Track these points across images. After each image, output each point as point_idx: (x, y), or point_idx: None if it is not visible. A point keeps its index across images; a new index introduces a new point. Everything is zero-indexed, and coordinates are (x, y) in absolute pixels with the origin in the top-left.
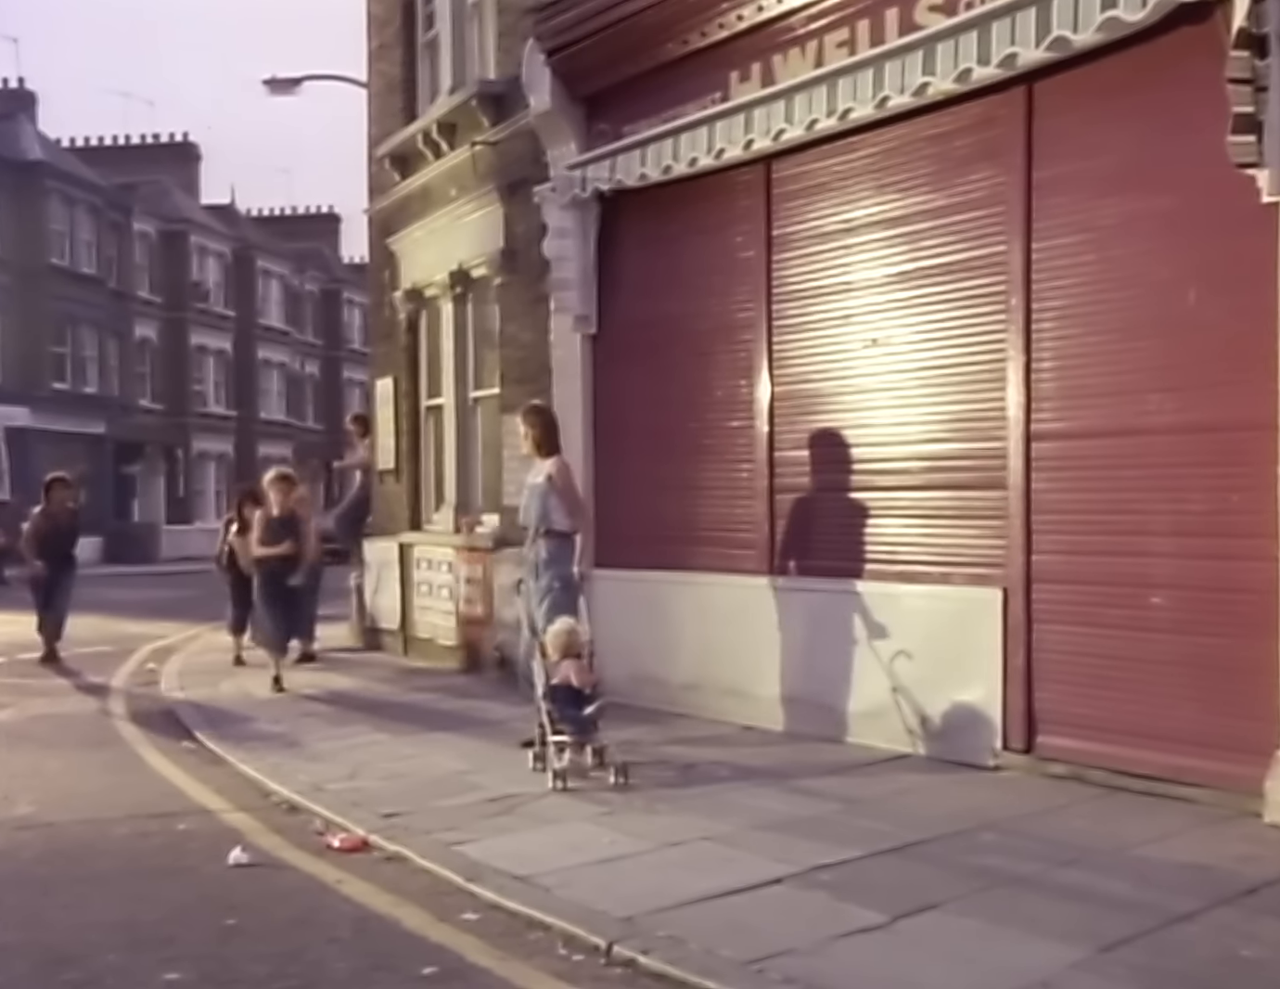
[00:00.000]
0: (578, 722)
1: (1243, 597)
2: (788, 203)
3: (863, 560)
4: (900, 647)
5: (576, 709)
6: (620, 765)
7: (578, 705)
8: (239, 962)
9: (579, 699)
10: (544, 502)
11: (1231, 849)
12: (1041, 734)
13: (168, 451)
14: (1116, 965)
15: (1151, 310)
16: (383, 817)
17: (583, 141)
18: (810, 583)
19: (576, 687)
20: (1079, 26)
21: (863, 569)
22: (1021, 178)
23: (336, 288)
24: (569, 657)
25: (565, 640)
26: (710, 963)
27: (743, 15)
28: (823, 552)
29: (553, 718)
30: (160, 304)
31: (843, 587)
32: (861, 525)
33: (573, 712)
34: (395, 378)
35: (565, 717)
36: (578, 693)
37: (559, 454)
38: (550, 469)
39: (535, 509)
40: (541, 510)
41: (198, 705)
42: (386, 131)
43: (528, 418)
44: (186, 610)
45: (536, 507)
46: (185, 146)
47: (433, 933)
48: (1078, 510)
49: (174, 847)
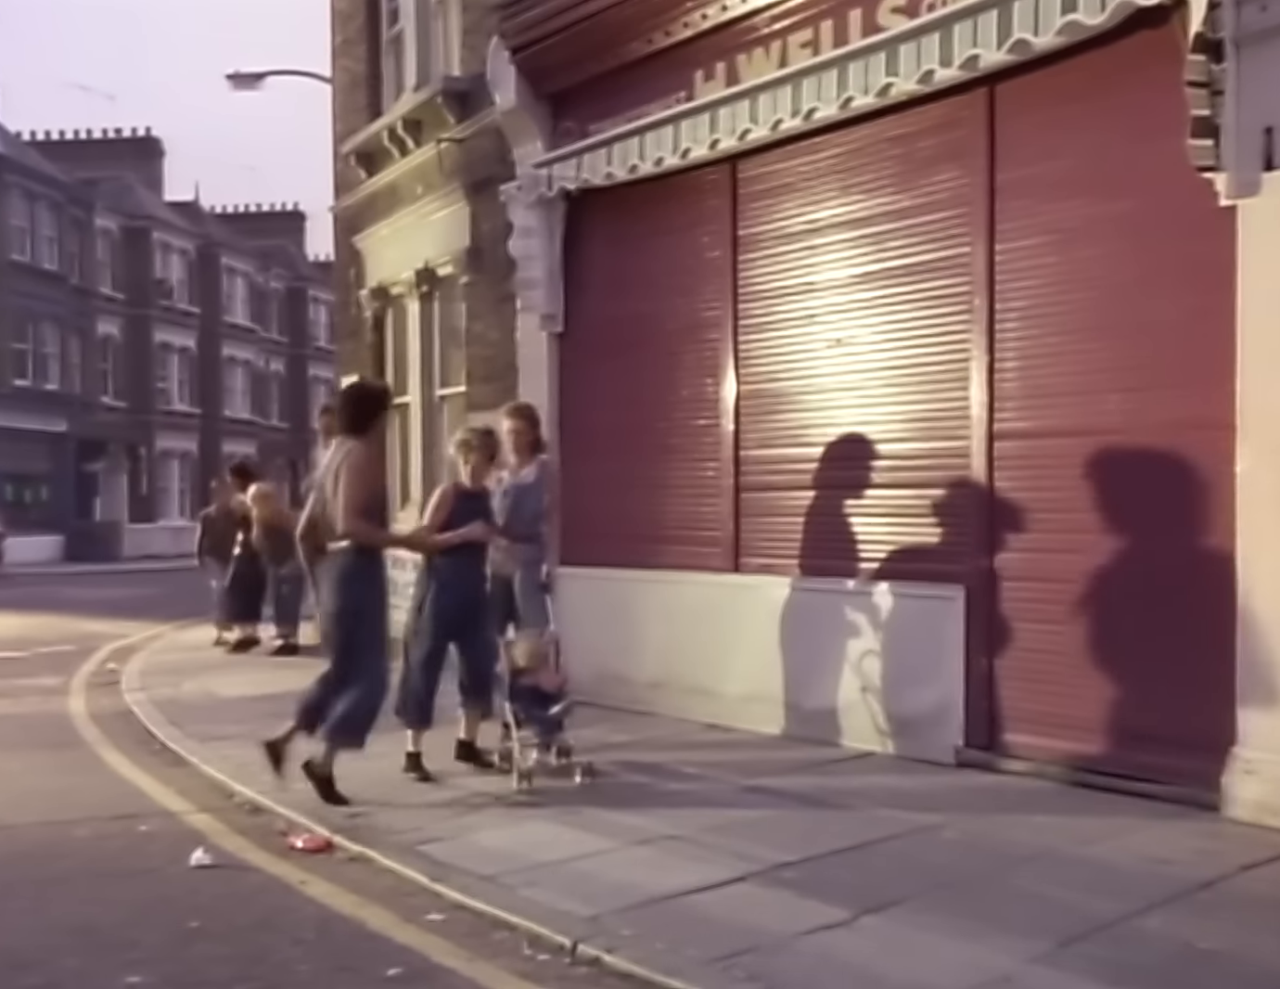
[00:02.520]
0: (543, 721)
1: (1200, 594)
2: (753, 203)
3: (827, 558)
4: (864, 644)
5: (542, 709)
6: (586, 765)
7: (543, 706)
8: (201, 964)
9: (545, 699)
10: (536, 501)
11: (1189, 844)
12: (1003, 731)
13: (131, 449)
14: (1077, 959)
15: (1112, 311)
16: (347, 817)
17: (548, 140)
18: (775, 581)
19: (543, 687)
20: (1039, 29)
21: (827, 567)
22: (984, 179)
23: (302, 285)
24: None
25: (536, 651)
26: (675, 961)
27: (707, 14)
28: (787, 550)
29: (518, 718)
30: (123, 301)
31: (807, 585)
32: (825, 523)
33: (538, 712)
34: (361, 376)
35: (531, 717)
36: (544, 693)
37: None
38: (539, 467)
39: (530, 508)
40: (536, 510)
41: (160, 705)
42: (351, 128)
43: (524, 415)
44: (149, 609)
45: (532, 506)
46: (148, 142)
47: (398, 934)
48: (1039, 509)
49: (135, 849)
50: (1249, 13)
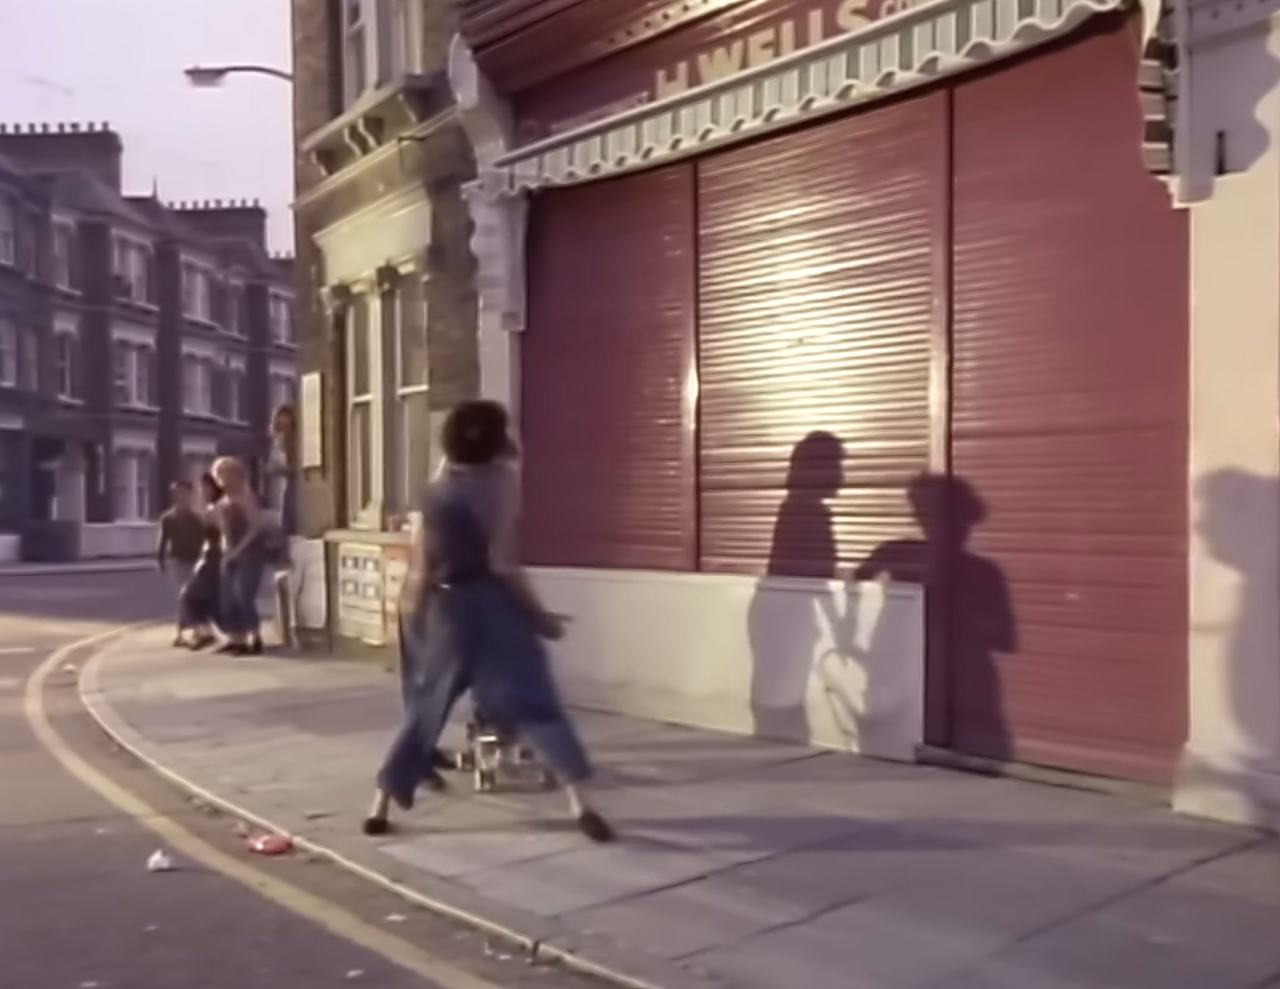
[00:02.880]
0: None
1: (1155, 592)
2: (715, 203)
3: (788, 557)
4: (825, 643)
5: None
6: (547, 768)
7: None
8: (159, 969)
9: None
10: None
11: (1143, 839)
12: (962, 728)
13: (88, 448)
14: (1033, 953)
15: (1068, 312)
16: (307, 818)
17: (510, 138)
18: (736, 580)
19: None
20: (997, 33)
21: (788, 566)
22: (943, 181)
23: (262, 283)
24: None
25: None
26: (636, 960)
27: (668, 14)
28: (748, 549)
29: (481, 717)
30: (80, 298)
31: (768, 584)
32: (786, 523)
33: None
34: (322, 374)
35: (494, 716)
36: None
37: None
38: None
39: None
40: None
41: (118, 707)
42: (312, 125)
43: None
44: (107, 610)
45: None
46: (105, 137)
47: (358, 935)
48: (998, 508)
49: (92, 852)
50: (1201, 19)
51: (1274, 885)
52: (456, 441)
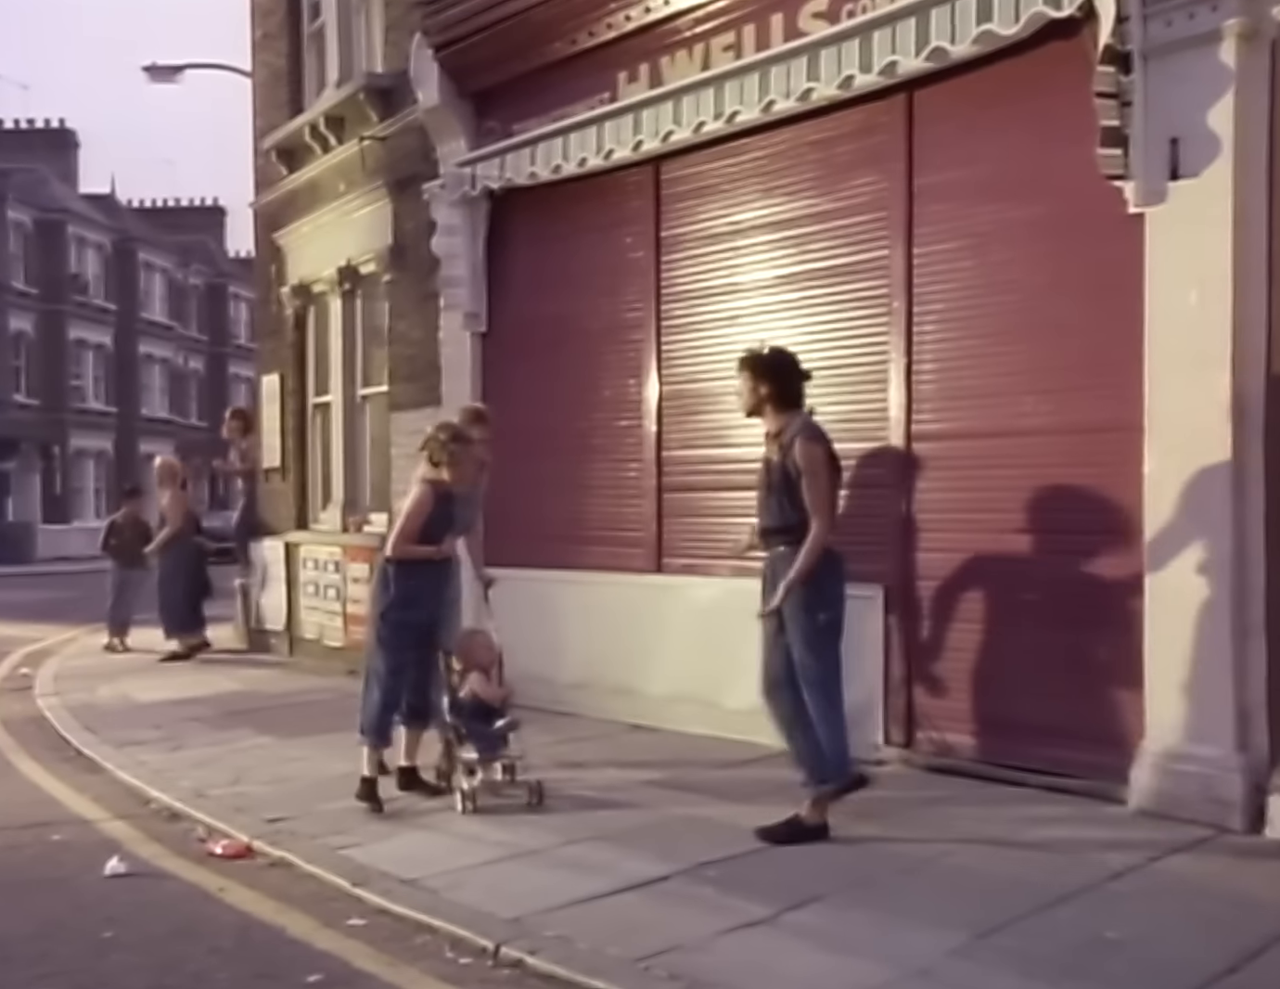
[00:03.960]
0: (486, 738)
1: (1111, 593)
2: (676, 204)
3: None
4: None
5: (484, 724)
6: (534, 785)
7: (486, 720)
8: (115, 975)
9: (488, 713)
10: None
11: (1100, 836)
12: (921, 728)
13: (44, 449)
14: (991, 951)
15: (1026, 315)
16: (267, 822)
17: (472, 138)
18: (697, 581)
19: (485, 701)
20: (956, 38)
21: (749, 567)
22: (903, 184)
23: (222, 282)
24: (475, 668)
25: (471, 646)
26: (598, 962)
27: (630, 16)
28: (709, 550)
29: (459, 733)
30: (36, 296)
31: (729, 584)
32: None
33: (480, 727)
34: (282, 375)
35: (472, 732)
36: (487, 707)
37: None
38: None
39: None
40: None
41: (75, 711)
42: (272, 124)
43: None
44: (63, 612)
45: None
46: (62, 133)
47: (318, 939)
48: (956, 509)
49: (48, 858)
50: (1155, 27)
51: (1227, 881)
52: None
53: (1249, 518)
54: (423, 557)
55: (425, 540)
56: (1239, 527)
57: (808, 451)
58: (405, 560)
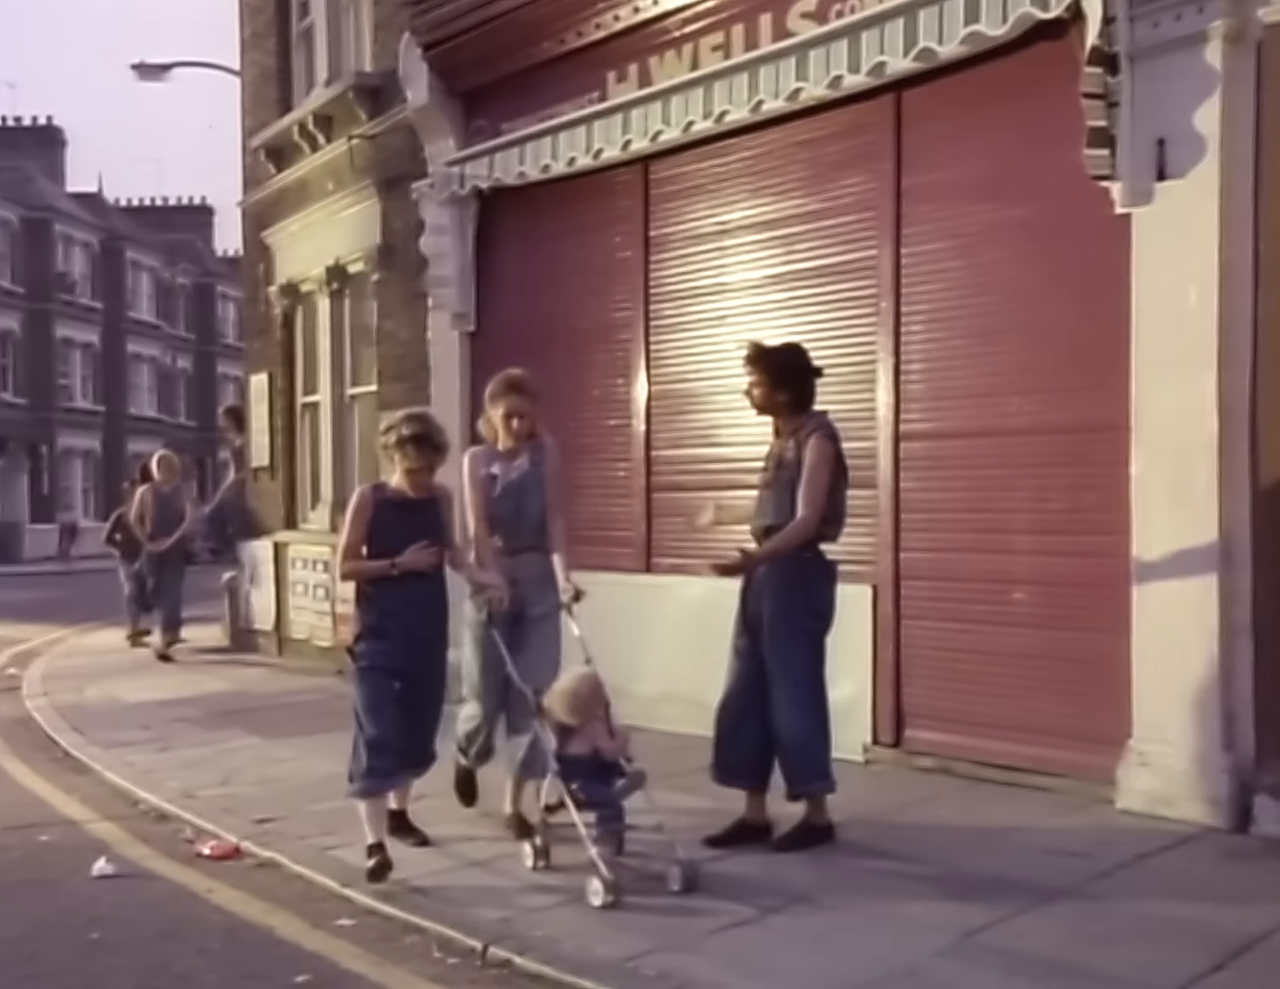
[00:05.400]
0: (609, 804)
1: (1098, 592)
2: (665, 204)
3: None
4: None
5: (603, 785)
6: (685, 864)
7: (604, 780)
8: (103, 977)
9: (603, 770)
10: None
11: (1086, 835)
12: (909, 728)
13: (31, 448)
14: (978, 950)
15: (1013, 315)
16: (256, 822)
17: (461, 138)
18: (686, 581)
19: (604, 757)
20: (944, 39)
21: None
22: (891, 184)
23: (210, 281)
24: (590, 720)
25: (585, 700)
26: (585, 961)
27: (619, 16)
28: (698, 550)
29: (578, 799)
30: (23, 295)
31: (718, 584)
32: None
33: (600, 789)
34: (270, 374)
35: (593, 797)
36: (602, 762)
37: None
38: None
39: (536, 504)
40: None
41: (62, 711)
42: (261, 122)
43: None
44: (51, 612)
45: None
46: (49, 130)
47: (306, 940)
48: (944, 509)
49: (35, 859)
50: (1142, 28)
51: (1213, 880)
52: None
53: (1235, 518)
54: (373, 574)
55: (379, 556)
56: (1225, 527)
57: (820, 447)
58: (359, 582)
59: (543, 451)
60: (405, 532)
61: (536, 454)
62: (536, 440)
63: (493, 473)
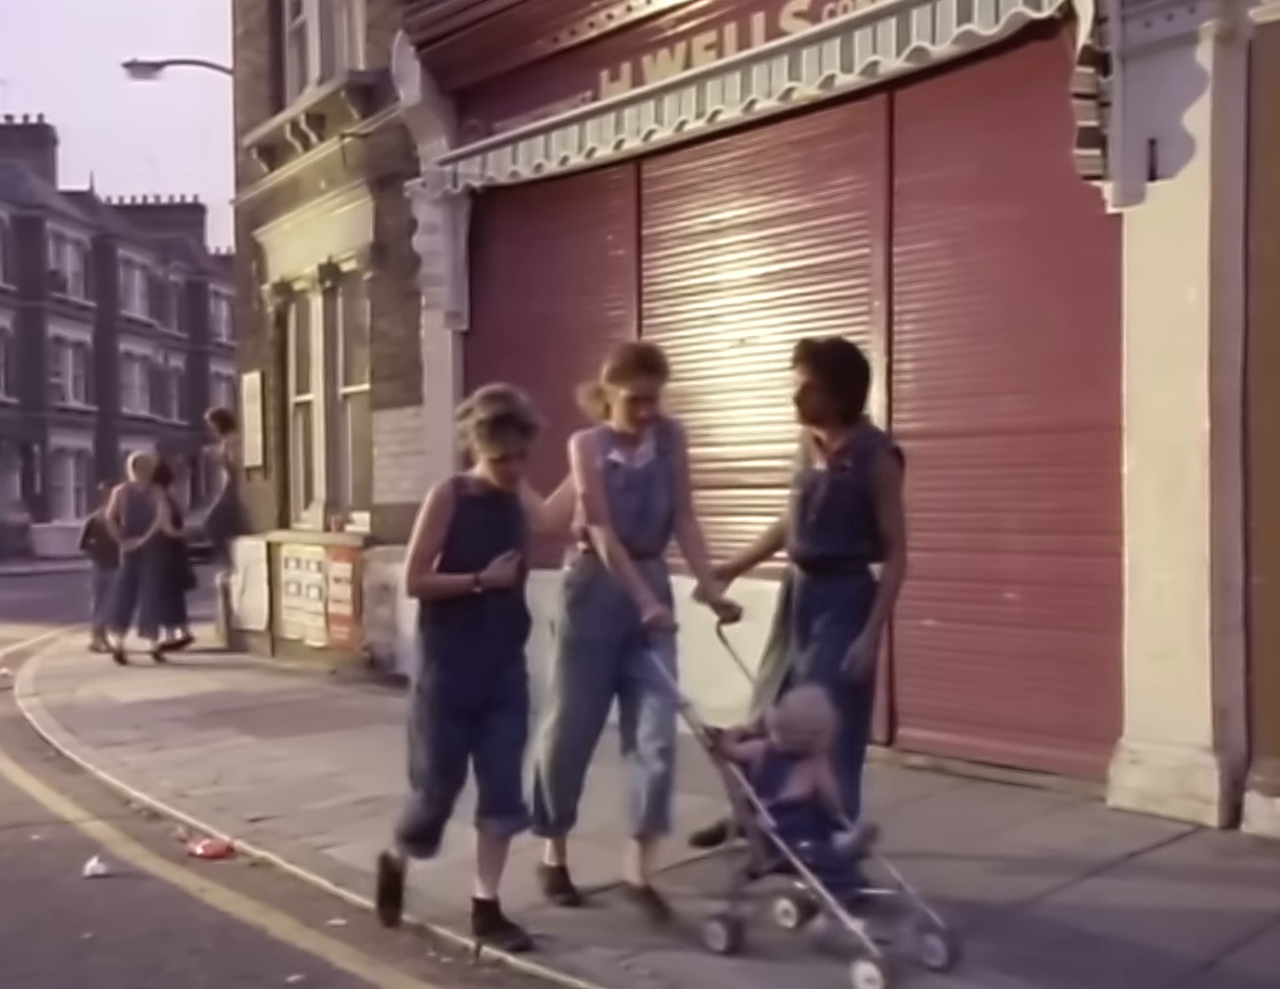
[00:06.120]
0: (836, 863)
1: (1089, 591)
2: (658, 203)
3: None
4: None
5: (823, 838)
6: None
7: (823, 832)
8: (95, 976)
9: (820, 820)
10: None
11: (1079, 833)
12: (902, 727)
13: (23, 447)
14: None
15: (1005, 314)
16: (248, 822)
17: (454, 136)
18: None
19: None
20: (936, 38)
21: None
22: (883, 183)
23: (202, 280)
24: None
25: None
26: (578, 960)
27: (612, 15)
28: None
29: (806, 861)
30: (15, 293)
31: None
32: (728, 523)
33: (832, 852)
34: (263, 373)
35: (819, 858)
36: (821, 811)
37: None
38: (662, 436)
39: (663, 501)
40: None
41: (54, 711)
42: (253, 121)
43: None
44: (42, 612)
45: (665, 500)
46: (40, 129)
47: (299, 939)
48: (936, 508)
49: (27, 858)
50: (1134, 28)
51: (1204, 877)
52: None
53: (1227, 516)
54: (452, 590)
55: (457, 566)
56: (1217, 525)
57: (890, 469)
58: (429, 599)
59: (670, 438)
60: (491, 536)
61: (664, 441)
62: (662, 422)
63: (613, 460)
